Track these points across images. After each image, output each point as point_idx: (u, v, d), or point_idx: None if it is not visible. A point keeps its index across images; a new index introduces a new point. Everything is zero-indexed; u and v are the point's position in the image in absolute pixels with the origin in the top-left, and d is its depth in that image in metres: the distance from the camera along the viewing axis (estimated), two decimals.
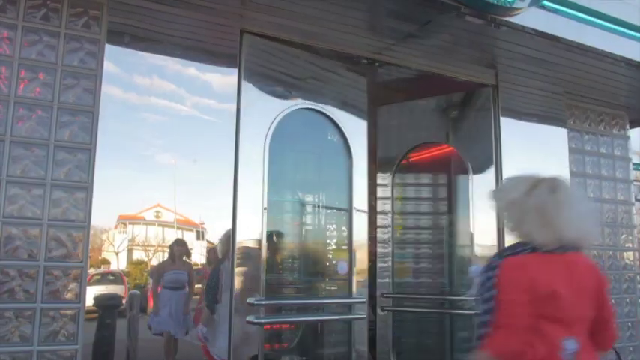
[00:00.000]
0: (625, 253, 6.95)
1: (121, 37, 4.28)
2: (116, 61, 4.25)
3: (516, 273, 2.49)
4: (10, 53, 4.06)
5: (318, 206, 5.50)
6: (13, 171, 3.94)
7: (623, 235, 6.97)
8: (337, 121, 5.30)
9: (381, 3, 4.56)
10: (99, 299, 4.14)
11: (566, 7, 5.19)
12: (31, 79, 4.09)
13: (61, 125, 4.10)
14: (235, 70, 4.64)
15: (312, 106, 5.17)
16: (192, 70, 4.52)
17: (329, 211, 5.49)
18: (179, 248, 4.46)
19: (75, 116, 4.15)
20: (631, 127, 7.53)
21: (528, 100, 6.25)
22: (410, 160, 6.75)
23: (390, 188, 6.64)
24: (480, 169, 6.16)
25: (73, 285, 3.96)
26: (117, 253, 4.35)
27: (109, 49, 4.24)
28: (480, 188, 6.02)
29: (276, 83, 4.96)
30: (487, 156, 6.03)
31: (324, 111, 5.23)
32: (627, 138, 7.33)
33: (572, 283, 2.50)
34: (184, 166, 4.40)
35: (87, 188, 4.07)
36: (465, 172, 6.24)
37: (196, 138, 4.49)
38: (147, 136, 4.34)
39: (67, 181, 4.05)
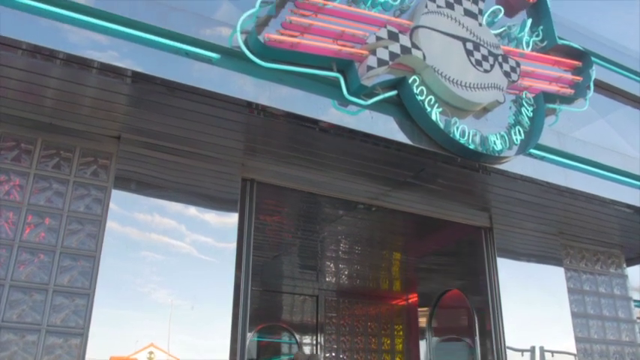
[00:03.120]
0: None
1: (127, 183, 4.48)
2: (120, 202, 4.40)
3: None
4: (19, 200, 4.22)
5: None
6: (9, 316, 3.92)
7: None
8: None
9: (376, 154, 4.81)
10: None
11: (553, 154, 5.46)
12: (37, 224, 4.21)
13: (61, 270, 4.15)
14: (236, 214, 4.77)
15: None
16: (192, 211, 4.65)
17: None
18: None
19: (76, 261, 4.21)
20: (628, 266, 7.56)
21: (523, 241, 6.36)
22: None
23: None
24: (479, 310, 6.14)
25: None
26: None
27: (115, 194, 4.40)
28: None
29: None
30: (486, 296, 6.04)
31: None
32: (625, 277, 7.33)
33: None
34: (181, 305, 4.38)
35: (82, 334, 4.03)
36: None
37: (195, 277, 4.51)
38: (146, 272, 4.36)
39: (63, 327, 4.02)
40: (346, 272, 9.41)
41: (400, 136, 4.55)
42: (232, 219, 4.76)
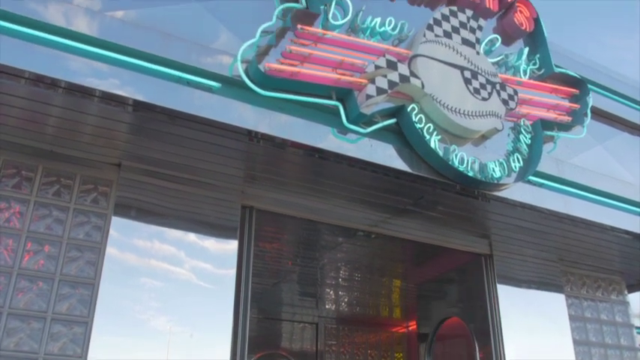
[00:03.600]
0: None
1: (127, 210, 4.48)
2: (120, 229, 4.40)
3: None
4: (19, 227, 4.22)
5: None
6: (7, 344, 3.89)
7: None
8: None
9: (375, 181, 4.82)
10: None
11: (552, 181, 5.48)
12: (37, 251, 4.21)
13: (60, 298, 4.13)
14: (235, 242, 4.77)
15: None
16: (192, 237, 4.65)
17: None
18: None
19: (75, 289, 4.20)
20: (629, 292, 7.52)
21: (523, 268, 6.34)
22: None
23: None
24: (481, 337, 6.09)
25: None
26: None
27: (115, 221, 4.41)
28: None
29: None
30: (487, 324, 6.00)
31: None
32: (627, 303, 7.30)
33: None
34: (179, 332, 4.35)
35: None
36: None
37: (194, 303, 4.49)
38: (144, 299, 4.33)
39: (61, 356, 3.99)
40: (346, 299, 9.36)
41: (399, 164, 4.57)
42: (232, 246, 4.75)
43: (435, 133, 4.68)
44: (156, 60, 3.90)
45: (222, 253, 4.70)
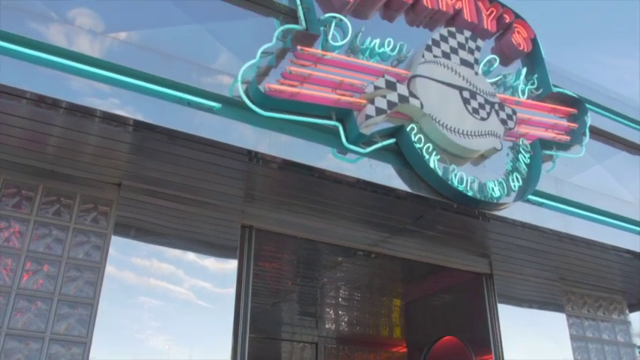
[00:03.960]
0: None
1: (127, 229, 4.48)
2: (120, 249, 4.40)
3: None
4: (18, 246, 4.22)
5: None
6: None
7: None
8: None
9: (375, 201, 4.83)
10: None
11: (551, 200, 5.48)
12: (36, 271, 4.20)
13: (58, 318, 4.11)
14: (235, 261, 4.76)
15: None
16: (191, 256, 4.65)
17: None
18: None
19: (74, 308, 4.18)
20: (630, 312, 7.49)
21: (524, 288, 6.32)
22: None
23: None
24: (481, 357, 6.05)
25: None
26: None
27: (115, 240, 4.41)
28: None
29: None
30: (487, 343, 5.96)
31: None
32: (628, 323, 7.25)
33: None
34: (178, 352, 4.33)
35: None
36: None
37: (193, 323, 4.47)
38: (143, 318, 4.32)
39: None
40: (346, 319, 9.31)
41: (399, 183, 4.58)
42: (231, 265, 4.75)
43: (434, 152, 4.70)
44: (156, 80, 3.92)
45: (221, 273, 4.69)
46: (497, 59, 5.59)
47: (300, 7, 4.55)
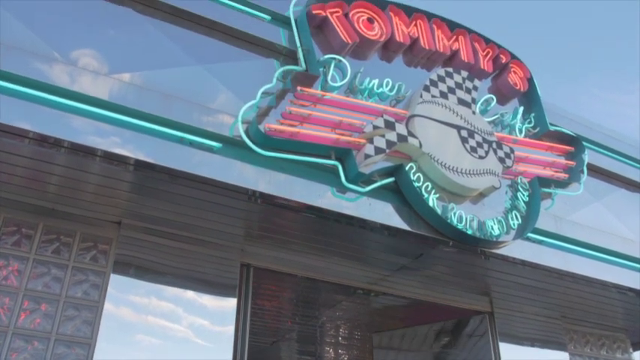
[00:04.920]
0: None
1: (126, 268, 4.47)
2: (119, 287, 4.38)
3: None
4: (16, 285, 4.20)
5: None
6: None
7: None
8: None
9: (374, 240, 4.84)
10: None
11: (551, 238, 5.48)
12: (33, 310, 4.18)
13: (55, 357, 4.07)
14: (234, 299, 4.74)
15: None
16: (190, 294, 4.62)
17: None
18: None
19: (71, 348, 4.14)
20: (634, 350, 7.40)
21: (525, 326, 6.27)
22: None
23: None
24: None
25: None
26: None
27: (114, 278, 4.39)
28: None
29: None
30: None
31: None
32: None
33: None
34: None
35: None
36: None
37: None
38: (141, 358, 4.27)
39: None
40: (346, 358, 9.18)
41: (398, 222, 4.59)
42: (230, 303, 4.72)
43: (433, 191, 4.72)
44: (158, 120, 3.98)
45: (220, 311, 4.67)
46: (494, 98, 5.67)
47: (299, 49, 4.64)
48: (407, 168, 4.66)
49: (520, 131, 5.75)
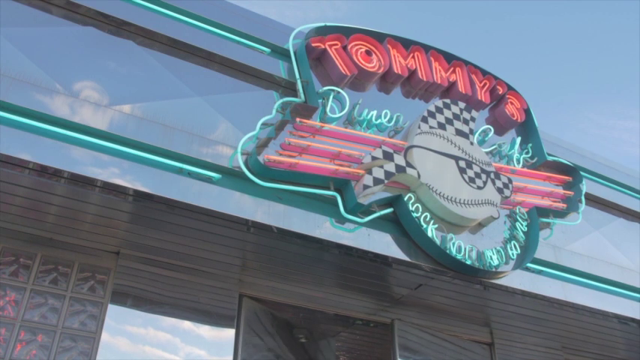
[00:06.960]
0: None
1: (124, 298, 4.45)
2: (116, 317, 4.36)
3: None
4: (13, 315, 4.18)
5: None
6: None
7: None
8: None
9: (373, 270, 4.82)
10: None
11: (550, 267, 5.47)
12: (29, 341, 4.15)
13: None
14: (232, 330, 4.71)
15: None
16: (188, 325, 4.59)
17: None
18: None
19: None
20: None
21: (526, 356, 6.22)
22: None
23: None
24: None
25: None
26: None
27: (112, 309, 4.37)
28: None
29: None
30: None
31: None
32: None
33: None
34: None
35: None
36: None
37: None
38: None
39: None
40: None
41: (397, 252, 4.58)
42: (228, 334, 4.69)
43: (431, 221, 4.73)
44: (157, 151, 4.00)
45: (218, 341, 4.64)
46: (492, 129, 5.72)
47: (299, 81, 4.70)
48: (405, 198, 4.67)
49: (518, 161, 5.78)
